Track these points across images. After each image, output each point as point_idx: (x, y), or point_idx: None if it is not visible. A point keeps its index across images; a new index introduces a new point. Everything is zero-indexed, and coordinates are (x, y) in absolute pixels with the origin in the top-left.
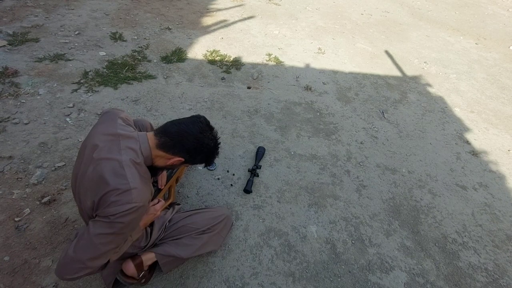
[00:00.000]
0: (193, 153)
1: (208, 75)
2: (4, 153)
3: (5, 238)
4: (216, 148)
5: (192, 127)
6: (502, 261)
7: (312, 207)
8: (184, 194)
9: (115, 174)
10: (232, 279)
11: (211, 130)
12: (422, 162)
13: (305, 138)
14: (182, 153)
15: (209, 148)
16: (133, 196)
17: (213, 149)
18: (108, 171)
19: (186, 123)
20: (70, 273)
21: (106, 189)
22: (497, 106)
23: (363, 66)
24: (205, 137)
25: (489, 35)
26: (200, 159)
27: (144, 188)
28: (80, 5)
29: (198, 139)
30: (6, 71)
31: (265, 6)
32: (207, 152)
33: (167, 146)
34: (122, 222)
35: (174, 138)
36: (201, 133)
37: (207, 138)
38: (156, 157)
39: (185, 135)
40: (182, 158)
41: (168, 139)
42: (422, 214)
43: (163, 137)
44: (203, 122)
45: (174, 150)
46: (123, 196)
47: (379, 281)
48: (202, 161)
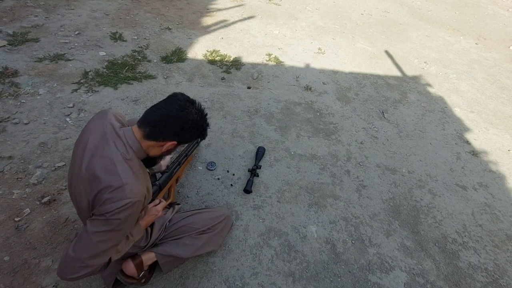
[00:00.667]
0: (182, 133)
1: (208, 75)
2: (4, 153)
3: (5, 238)
4: (203, 120)
5: (172, 107)
6: (502, 261)
7: (312, 207)
8: (184, 194)
9: (107, 171)
10: (232, 279)
11: (193, 104)
12: (422, 162)
13: (305, 138)
14: (171, 136)
15: (196, 122)
16: (126, 192)
17: (201, 122)
18: (100, 168)
19: (164, 106)
20: (71, 273)
21: (99, 187)
22: (497, 106)
23: (363, 66)
24: (188, 114)
25: (489, 35)
26: (191, 136)
27: (137, 182)
28: (80, 5)
29: (181, 118)
30: (6, 71)
31: (265, 6)
32: (195, 127)
33: (154, 135)
34: (119, 219)
35: (158, 125)
36: (183, 111)
37: (190, 113)
38: (148, 147)
39: (167, 119)
40: (174, 141)
41: (152, 127)
42: (422, 214)
43: (147, 127)
44: (181, 99)
45: (163, 137)
46: (116, 192)
47: (379, 281)
48: (195, 137)
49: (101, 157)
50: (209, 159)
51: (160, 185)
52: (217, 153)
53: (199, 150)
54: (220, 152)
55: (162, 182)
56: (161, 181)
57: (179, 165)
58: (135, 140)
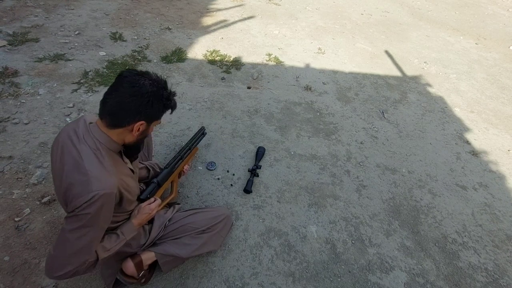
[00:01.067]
0: (143, 110)
1: (208, 75)
2: (4, 153)
3: (5, 238)
4: (161, 89)
5: (122, 89)
6: (502, 261)
7: (312, 207)
8: (184, 194)
9: (74, 166)
10: (232, 279)
11: (144, 75)
12: (422, 162)
13: (305, 138)
14: (134, 116)
15: (154, 93)
16: (92, 185)
17: (159, 91)
18: (69, 164)
19: (114, 89)
20: (56, 271)
21: (67, 183)
22: (497, 106)
23: (363, 66)
24: (141, 88)
25: (489, 35)
26: (156, 110)
27: (106, 175)
28: (80, 5)
29: (134, 95)
30: (6, 71)
31: (265, 6)
32: (155, 99)
33: (116, 122)
34: (88, 213)
35: (115, 112)
36: (133, 87)
37: (143, 86)
38: (119, 136)
39: (120, 101)
40: (140, 120)
41: (110, 115)
42: (422, 214)
43: (107, 117)
44: (128, 75)
45: (126, 120)
46: (81, 186)
47: (379, 281)
48: (161, 109)
49: (69, 153)
50: (209, 159)
51: (159, 182)
52: (217, 153)
53: (199, 151)
54: (220, 152)
55: (161, 179)
56: (159, 178)
57: (181, 159)
58: (101, 132)
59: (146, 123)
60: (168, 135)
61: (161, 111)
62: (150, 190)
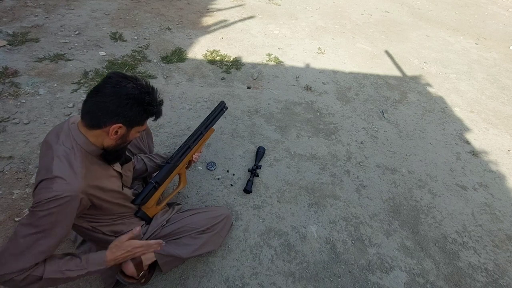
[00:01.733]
0: (121, 112)
1: (208, 75)
2: (4, 153)
3: (5, 238)
4: (144, 94)
5: (104, 90)
6: (502, 261)
7: (312, 207)
8: (184, 194)
9: (45, 167)
10: (232, 279)
11: (128, 78)
12: (422, 162)
13: (305, 138)
14: (111, 118)
15: (134, 96)
16: (54, 185)
17: (141, 96)
18: (41, 164)
19: (97, 90)
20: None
21: (36, 182)
22: (497, 106)
23: (363, 66)
24: (121, 89)
25: (489, 35)
26: (135, 114)
27: (73, 177)
28: (80, 5)
29: (114, 95)
30: (6, 71)
31: (265, 6)
32: (135, 103)
33: (94, 122)
34: (42, 210)
35: (93, 111)
36: (114, 87)
37: (124, 88)
38: (97, 138)
39: (100, 102)
40: (117, 123)
41: (89, 114)
42: (422, 214)
43: (85, 116)
44: (112, 77)
45: (103, 121)
46: (45, 184)
47: (379, 281)
48: (140, 113)
49: (45, 154)
50: (209, 159)
51: (157, 182)
52: (217, 153)
53: None
54: (220, 152)
55: (160, 178)
56: (158, 178)
57: (188, 148)
58: (79, 133)
59: (124, 126)
60: (168, 135)
61: (141, 116)
62: (145, 192)
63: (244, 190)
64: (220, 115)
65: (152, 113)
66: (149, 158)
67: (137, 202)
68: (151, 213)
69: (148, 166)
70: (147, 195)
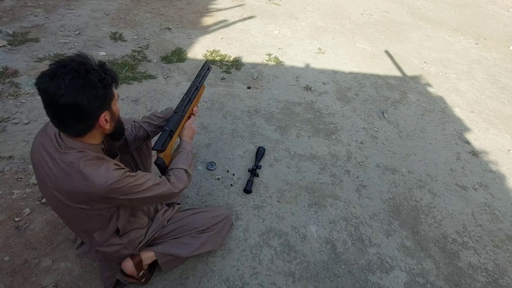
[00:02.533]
0: (93, 104)
1: (208, 75)
2: (4, 153)
3: (5, 238)
4: (86, 75)
5: (60, 103)
6: (502, 261)
7: (312, 207)
8: (184, 194)
9: (68, 175)
10: (232, 279)
11: (59, 77)
12: (422, 162)
13: (305, 138)
14: (94, 114)
15: (84, 86)
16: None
17: (85, 81)
18: (61, 174)
19: (57, 111)
20: None
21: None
22: (497, 106)
23: (363, 66)
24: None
25: (489, 35)
26: (102, 95)
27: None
28: (80, 5)
29: (76, 97)
30: (6, 71)
31: (265, 6)
32: (90, 90)
33: (83, 132)
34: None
35: (75, 123)
36: (65, 96)
37: (71, 89)
38: (93, 138)
39: (76, 111)
40: (100, 113)
41: (75, 129)
42: (422, 214)
43: (73, 131)
44: (51, 88)
45: (90, 122)
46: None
47: (379, 281)
48: (105, 91)
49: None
50: (209, 159)
51: (171, 130)
52: (217, 153)
53: (199, 151)
54: (220, 152)
55: (173, 126)
56: (171, 126)
57: (190, 101)
58: (76, 142)
59: (106, 111)
60: None
61: (106, 93)
62: (163, 139)
63: (244, 190)
64: (206, 74)
65: (108, 81)
66: (148, 123)
67: (157, 147)
68: (167, 161)
69: (149, 131)
70: (165, 141)
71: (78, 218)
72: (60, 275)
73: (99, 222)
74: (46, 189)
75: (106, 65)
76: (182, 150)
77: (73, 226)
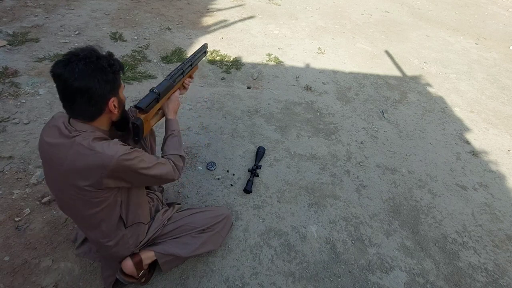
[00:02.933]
0: (103, 89)
1: (208, 75)
2: (4, 153)
3: (5, 238)
4: (96, 61)
5: (74, 89)
6: (502, 261)
7: (312, 207)
8: (184, 194)
9: (80, 154)
10: (232, 279)
11: (73, 63)
12: (422, 162)
13: (305, 138)
14: (103, 100)
15: (94, 71)
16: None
17: (96, 66)
18: (72, 156)
19: (68, 94)
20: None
21: (81, 167)
22: (497, 106)
23: (363, 66)
24: (81, 75)
25: (489, 35)
26: (111, 80)
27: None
28: (80, 5)
29: (86, 81)
30: (6, 71)
31: (265, 6)
32: (100, 74)
33: (93, 115)
34: (135, 157)
35: (85, 110)
36: (77, 80)
37: (81, 73)
38: (101, 122)
39: (84, 99)
40: (110, 98)
41: (85, 115)
42: (422, 214)
43: (82, 115)
44: (65, 73)
45: (100, 107)
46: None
47: (379, 281)
48: (113, 77)
49: (65, 148)
50: (209, 159)
51: (159, 93)
52: (217, 153)
53: (199, 151)
54: (220, 152)
55: (161, 90)
56: (160, 88)
57: (182, 74)
58: (86, 125)
59: (114, 96)
60: None
61: (114, 78)
62: (149, 100)
63: (244, 190)
64: (202, 56)
65: (117, 69)
66: None
67: (141, 106)
68: (146, 128)
69: None
70: (150, 103)
71: (87, 206)
72: (60, 275)
73: (106, 210)
74: (57, 178)
75: (113, 54)
76: (172, 133)
77: (82, 219)
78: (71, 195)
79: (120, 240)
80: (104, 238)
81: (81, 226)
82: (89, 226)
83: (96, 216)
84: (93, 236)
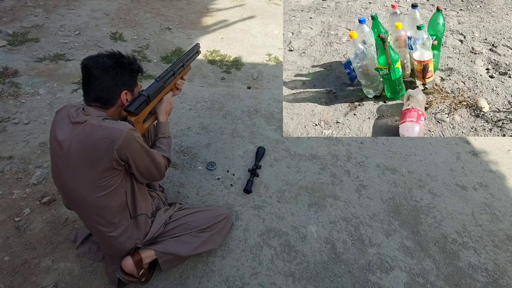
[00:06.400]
0: (119, 81)
1: (208, 75)
2: (4, 153)
3: (5, 238)
4: (119, 58)
5: (92, 76)
6: (502, 261)
7: (312, 207)
8: (184, 194)
9: (90, 131)
10: (232, 279)
11: (98, 56)
12: (422, 162)
13: (305, 138)
14: (117, 90)
15: (115, 64)
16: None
17: (118, 61)
18: (82, 133)
19: (87, 79)
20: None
21: (91, 143)
22: None
23: None
24: (103, 65)
25: None
26: (129, 76)
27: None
28: (80, 5)
29: (104, 72)
30: (6, 71)
31: (265, 6)
32: (120, 68)
33: (106, 102)
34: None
35: (100, 95)
36: (98, 68)
37: (104, 63)
38: (113, 115)
39: (99, 85)
40: (123, 91)
41: (99, 100)
42: (422, 214)
43: (97, 102)
44: (89, 63)
45: (113, 96)
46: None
47: (379, 281)
48: (131, 74)
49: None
50: (209, 159)
51: (149, 95)
52: (217, 153)
53: (199, 151)
54: (220, 152)
55: (151, 92)
56: (150, 91)
57: (173, 75)
58: (100, 111)
59: (128, 91)
60: None
61: (131, 76)
62: (138, 102)
63: (244, 190)
64: (194, 57)
65: (137, 70)
66: None
67: (131, 108)
68: (139, 130)
69: None
70: (140, 106)
71: (94, 191)
72: (60, 275)
73: (113, 194)
74: (67, 164)
75: (137, 59)
76: (162, 136)
77: (89, 206)
78: (80, 181)
79: (125, 230)
80: (108, 227)
81: (86, 215)
82: (94, 214)
83: (102, 199)
84: (97, 226)
